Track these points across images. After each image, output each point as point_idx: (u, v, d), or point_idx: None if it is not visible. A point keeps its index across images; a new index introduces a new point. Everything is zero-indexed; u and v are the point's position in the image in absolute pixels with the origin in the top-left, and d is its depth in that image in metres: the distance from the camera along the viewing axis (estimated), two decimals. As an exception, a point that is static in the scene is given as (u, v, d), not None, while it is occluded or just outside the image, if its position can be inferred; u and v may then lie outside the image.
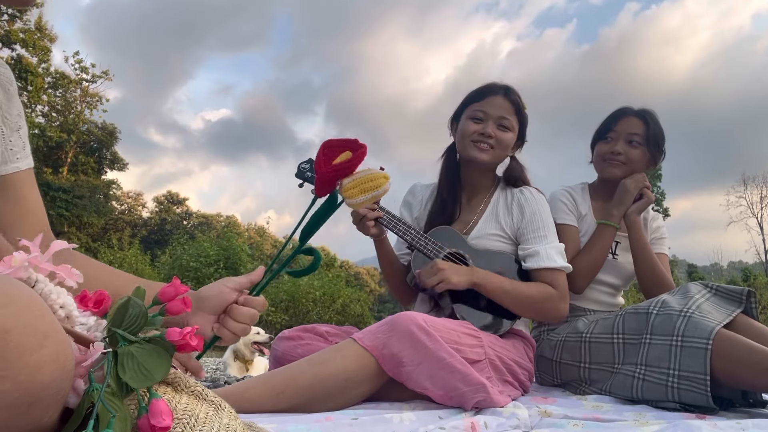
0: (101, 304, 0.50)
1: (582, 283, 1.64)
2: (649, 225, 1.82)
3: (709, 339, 1.22)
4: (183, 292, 0.55)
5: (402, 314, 1.15)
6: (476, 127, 1.52)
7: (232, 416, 0.53)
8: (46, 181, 21.06)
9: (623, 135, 1.71)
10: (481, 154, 1.52)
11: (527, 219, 1.50)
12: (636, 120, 1.71)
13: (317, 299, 16.49)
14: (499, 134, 1.52)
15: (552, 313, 1.44)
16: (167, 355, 0.48)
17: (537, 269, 1.44)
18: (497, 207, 1.56)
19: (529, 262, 1.46)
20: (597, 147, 1.78)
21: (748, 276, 23.36)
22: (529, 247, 1.47)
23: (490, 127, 1.51)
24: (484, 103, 1.54)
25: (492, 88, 1.56)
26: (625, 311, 1.46)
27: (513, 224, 1.52)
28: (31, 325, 0.36)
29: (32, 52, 21.50)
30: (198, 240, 17.85)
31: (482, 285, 1.39)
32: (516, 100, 1.55)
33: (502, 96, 1.54)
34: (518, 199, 1.54)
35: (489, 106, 1.53)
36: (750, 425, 1.01)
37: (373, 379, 1.13)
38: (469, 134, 1.53)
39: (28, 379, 0.35)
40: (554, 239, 1.49)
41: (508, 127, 1.53)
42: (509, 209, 1.54)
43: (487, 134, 1.51)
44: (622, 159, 1.70)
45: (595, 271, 1.65)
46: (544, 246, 1.45)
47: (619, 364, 1.40)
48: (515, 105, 1.54)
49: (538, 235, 1.47)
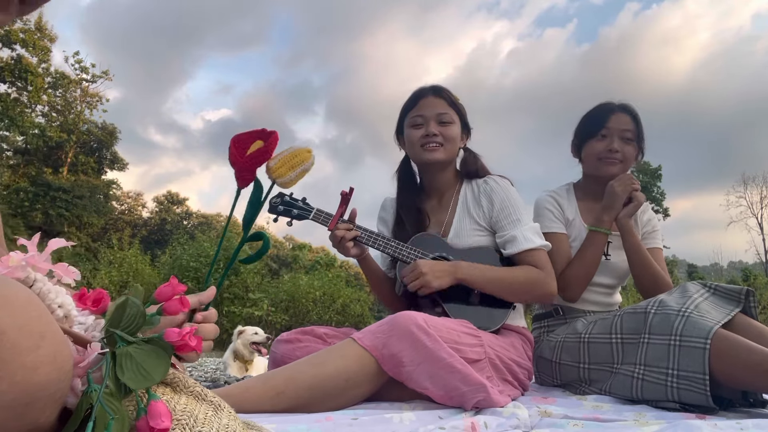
0: (99, 302, 0.50)
1: (576, 291, 1.63)
2: (639, 219, 1.79)
3: (707, 339, 1.22)
4: (180, 291, 0.55)
5: (402, 314, 1.15)
6: (419, 131, 1.56)
7: (231, 416, 0.53)
8: (46, 181, 21.07)
9: (617, 132, 1.69)
10: (433, 155, 1.55)
11: (497, 207, 1.52)
12: (625, 116, 1.70)
13: (317, 299, 16.48)
14: (443, 130, 1.55)
15: (542, 292, 1.44)
16: (166, 356, 0.48)
17: (517, 253, 1.45)
18: (467, 202, 1.58)
19: (508, 248, 1.47)
20: (588, 145, 1.74)
21: (748, 276, 23.35)
22: (505, 233, 1.49)
23: (432, 126, 1.55)
24: (418, 107, 1.59)
25: (421, 91, 1.61)
26: (623, 311, 1.45)
27: (485, 215, 1.54)
28: (27, 326, 0.36)
29: (32, 52, 21.50)
30: (198, 240, 17.84)
31: (467, 279, 1.40)
32: (446, 95, 1.59)
33: (431, 95, 1.58)
34: (484, 189, 1.56)
35: (424, 109, 1.57)
36: (750, 425, 1.01)
37: (373, 379, 1.13)
38: (416, 140, 1.57)
39: (25, 380, 0.35)
40: (528, 221, 1.51)
41: (449, 121, 1.56)
42: (478, 201, 1.56)
43: (431, 134, 1.54)
44: (619, 157, 1.69)
45: (588, 279, 1.64)
46: (519, 230, 1.47)
47: (618, 364, 1.39)
48: (447, 99, 1.58)
49: (511, 220, 1.49)
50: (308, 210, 1.52)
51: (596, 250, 1.62)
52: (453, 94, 1.61)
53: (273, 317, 15.50)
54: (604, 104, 1.75)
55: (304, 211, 1.52)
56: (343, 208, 1.49)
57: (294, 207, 1.53)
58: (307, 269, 25.22)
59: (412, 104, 1.60)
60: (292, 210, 1.53)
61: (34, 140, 21.76)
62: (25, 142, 22.14)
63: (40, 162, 23.00)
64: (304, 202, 1.54)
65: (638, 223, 1.79)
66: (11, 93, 20.92)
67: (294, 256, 30.92)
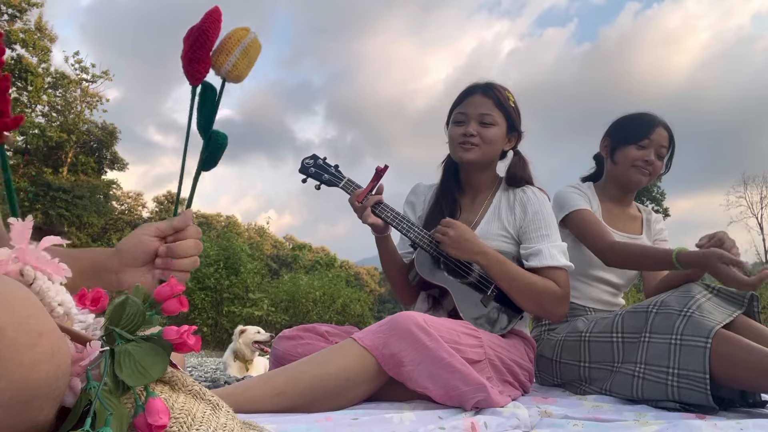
0: (98, 302, 0.50)
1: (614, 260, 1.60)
2: (652, 227, 1.83)
3: (708, 338, 1.22)
4: (179, 291, 0.55)
5: (402, 314, 1.15)
6: (459, 129, 1.54)
7: (229, 416, 0.53)
8: (46, 181, 21.07)
9: (656, 145, 1.71)
10: (466, 154, 1.53)
11: (529, 218, 1.50)
12: (665, 133, 1.72)
13: (317, 299, 16.48)
14: (481, 131, 1.52)
15: (552, 309, 1.42)
16: (164, 354, 0.48)
17: (539, 268, 1.43)
18: (499, 207, 1.56)
19: (531, 260, 1.45)
20: (626, 150, 1.74)
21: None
22: (531, 246, 1.47)
23: (472, 126, 1.52)
24: (465, 104, 1.56)
25: (471, 89, 1.57)
26: (624, 311, 1.46)
27: (515, 223, 1.52)
28: (25, 323, 0.36)
29: (32, 52, 21.50)
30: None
31: (487, 266, 1.39)
32: (496, 95, 1.54)
33: (480, 94, 1.54)
34: (520, 198, 1.54)
35: (468, 107, 1.55)
36: (750, 425, 1.01)
37: (373, 379, 1.13)
38: (455, 138, 1.55)
39: (23, 378, 0.35)
40: (557, 238, 1.48)
41: (491, 123, 1.53)
42: (512, 208, 1.54)
43: (469, 134, 1.52)
44: (651, 170, 1.71)
45: (628, 266, 1.63)
46: (546, 245, 1.45)
47: (618, 363, 1.39)
48: (495, 99, 1.54)
49: (540, 234, 1.47)
50: (340, 178, 1.50)
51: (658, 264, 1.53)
52: (505, 93, 1.57)
53: (273, 317, 15.50)
54: (649, 115, 1.76)
55: (336, 178, 1.50)
56: (374, 183, 1.45)
57: (326, 172, 1.51)
58: (307, 269, 25.22)
59: (460, 100, 1.58)
60: (323, 174, 1.50)
61: (34, 140, 21.76)
62: (25, 142, 22.15)
63: (40, 162, 22.99)
64: (336, 169, 1.52)
65: (651, 230, 1.83)
66: (11, 93, 20.89)
67: (294, 256, 30.92)
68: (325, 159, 1.53)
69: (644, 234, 1.81)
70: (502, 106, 1.54)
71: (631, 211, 1.84)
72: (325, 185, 1.50)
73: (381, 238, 1.50)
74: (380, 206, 1.44)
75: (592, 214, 1.68)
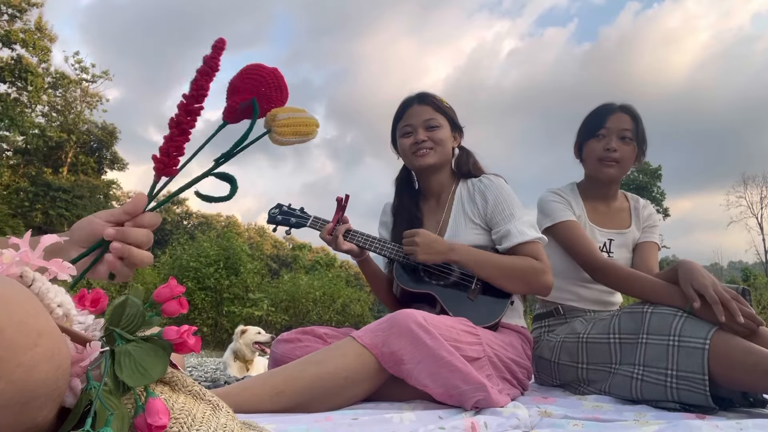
0: (98, 303, 0.50)
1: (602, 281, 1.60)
2: (641, 214, 1.81)
3: (706, 339, 1.22)
4: (178, 292, 0.55)
5: (401, 312, 1.15)
6: (410, 140, 1.61)
7: (229, 416, 0.53)
8: (46, 181, 21.07)
9: (615, 131, 1.69)
10: (424, 160, 1.60)
11: (491, 204, 1.53)
12: (625, 116, 1.70)
13: (317, 299, 16.48)
14: (431, 135, 1.59)
15: (537, 281, 1.43)
16: (164, 354, 0.48)
17: (512, 247, 1.45)
18: (462, 200, 1.60)
19: (504, 243, 1.47)
20: (588, 145, 1.74)
21: (748, 276, 23.36)
22: (499, 228, 1.49)
23: (420, 133, 1.59)
24: (406, 116, 1.63)
25: (407, 102, 1.65)
26: (621, 311, 1.46)
27: (480, 212, 1.55)
28: (24, 324, 0.36)
29: (32, 52, 21.50)
30: (198, 240, 17.82)
31: (461, 261, 1.42)
32: (431, 101, 1.62)
33: (416, 104, 1.62)
34: (478, 187, 1.58)
35: (411, 118, 1.61)
36: (750, 425, 1.01)
37: (372, 378, 1.13)
38: (408, 148, 1.62)
39: (22, 378, 0.35)
40: (522, 215, 1.51)
41: (436, 126, 1.60)
42: (472, 199, 1.58)
43: (420, 140, 1.59)
44: (616, 156, 1.68)
45: (616, 289, 1.64)
46: (513, 224, 1.47)
47: (616, 365, 1.39)
48: (432, 104, 1.62)
49: (504, 215, 1.50)
50: (305, 218, 1.59)
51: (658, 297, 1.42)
52: (438, 98, 1.65)
53: (273, 317, 15.50)
54: (604, 105, 1.75)
55: (302, 219, 1.59)
56: (340, 214, 1.52)
57: (292, 216, 1.59)
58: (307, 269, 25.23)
59: (400, 115, 1.66)
60: (290, 219, 1.59)
61: (34, 140, 21.76)
62: (25, 142, 22.15)
63: (40, 162, 22.99)
64: (302, 210, 1.60)
65: (639, 217, 1.81)
66: (11, 93, 20.93)
67: (294, 256, 30.93)
68: (290, 205, 1.62)
69: (633, 225, 1.79)
70: (440, 110, 1.62)
71: (617, 204, 1.82)
72: (294, 228, 1.59)
73: (362, 262, 1.58)
74: (350, 233, 1.52)
75: (577, 227, 1.66)
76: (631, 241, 1.78)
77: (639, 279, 1.50)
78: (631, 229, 1.78)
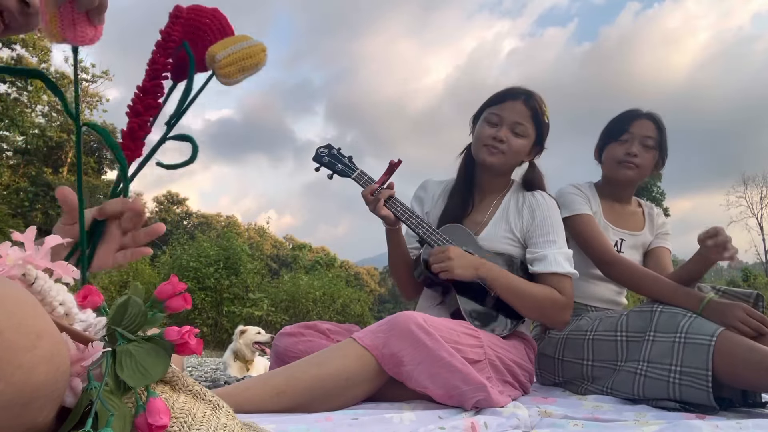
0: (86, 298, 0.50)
1: (614, 276, 1.61)
2: (655, 221, 1.83)
3: (713, 336, 1.23)
4: (181, 290, 0.55)
5: (402, 314, 1.15)
6: (490, 131, 1.51)
7: (230, 416, 0.53)
8: (46, 181, 21.06)
9: (638, 137, 1.70)
10: (490, 158, 1.52)
11: (537, 222, 1.49)
12: (649, 123, 1.71)
13: (317, 299, 16.46)
14: (511, 140, 1.50)
15: (555, 317, 1.42)
16: (165, 354, 0.48)
17: (544, 273, 1.43)
18: (508, 209, 1.56)
19: (536, 266, 1.45)
20: (609, 148, 1.75)
21: (748, 276, 23.35)
22: (537, 251, 1.46)
23: (504, 131, 1.50)
24: (502, 107, 1.52)
25: (512, 92, 1.53)
26: (629, 310, 1.47)
27: (522, 227, 1.51)
28: (24, 325, 0.36)
29: (32, 52, 21.48)
30: (198, 240, 17.81)
31: (488, 279, 1.38)
32: (535, 106, 1.51)
33: (521, 101, 1.51)
34: (529, 202, 1.54)
35: (505, 111, 1.51)
36: (750, 425, 1.01)
37: (373, 379, 1.13)
38: (483, 138, 1.52)
39: (22, 380, 0.35)
40: (563, 245, 1.48)
41: (522, 134, 1.51)
42: (520, 212, 1.54)
43: (499, 138, 1.50)
44: (637, 161, 1.70)
45: (626, 285, 1.65)
46: (552, 251, 1.44)
47: (621, 362, 1.40)
48: (533, 111, 1.50)
49: (547, 239, 1.46)
50: (353, 169, 1.51)
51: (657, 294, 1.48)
52: (543, 107, 1.54)
53: (273, 317, 15.48)
54: (630, 110, 1.76)
55: (349, 169, 1.51)
56: (386, 177, 1.46)
57: (339, 162, 1.51)
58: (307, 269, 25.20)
59: (498, 101, 1.54)
60: (336, 164, 1.51)
61: (34, 140, 21.75)
62: (25, 142, 22.14)
63: (40, 162, 22.99)
64: (350, 160, 1.52)
65: (653, 224, 1.83)
66: (11, 93, 20.92)
67: (294, 256, 30.91)
68: (339, 149, 1.53)
69: (646, 229, 1.81)
70: (537, 119, 1.52)
71: (632, 208, 1.85)
72: (338, 175, 1.50)
73: (391, 231, 1.50)
74: (391, 200, 1.44)
75: (593, 221, 1.67)
76: (641, 243, 1.79)
77: (650, 277, 1.51)
78: (643, 232, 1.80)
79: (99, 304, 0.51)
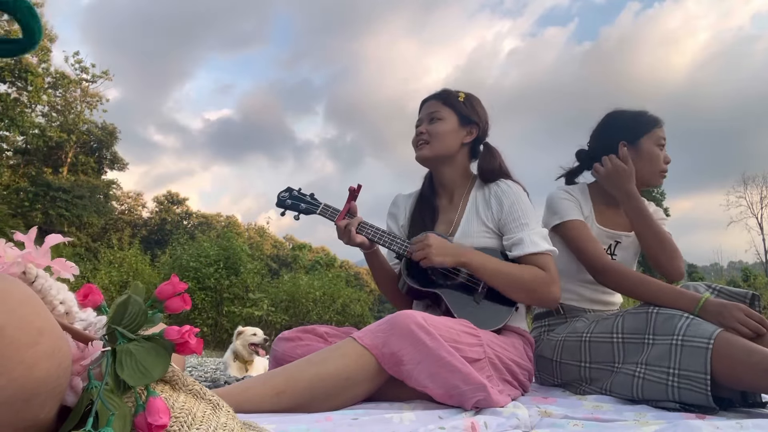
0: (87, 296, 0.50)
1: (607, 283, 1.61)
2: None
3: (710, 339, 1.22)
4: (181, 289, 0.55)
5: (401, 313, 1.15)
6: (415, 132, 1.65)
7: (229, 415, 0.53)
8: (46, 181, 21.07)
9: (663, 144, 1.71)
10: (419, 152, 1.62)
11: (506, 210, 1.51)
12: (662, 130, 1.72)
13: (317, 299, 16.47)
14: (429, 128, 1.61)
15: (545, 295, 1.42)
16: (165, 354, 0.48)
17: (523, 256, 1.45)
18: (476, 204, 1.59)
19: (514, 250, 1.47)
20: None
21: (748, 276, 23.35)
22: (512, 236, 1.48)
23: (422, 126, 1.62)
24: (420, 112, 1.67)
25: (424, 99, 1.68)
26: (625, 312, 1.46)
27: (494, 217, 1.54)
28: (25, 321, 0.36)
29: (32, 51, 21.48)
30: (198, 240, 17.83)
31: (471, 264, 1.41)
32: (443, 95, 1.62)
33: (431, 99, 1.65)
34: (495, 192, 1.57)
35: (422, 112, 1.66)
36: (750, 425, 1.01)
37: (373, 378, 1.13)
38: (413, 141, 1.65)
39: (23, 376, 0.35)
40: (536, 225, 1.50)
41: (438, 118, 1.61)
42: (488, 204, 1.57)
43: (419, 132, 1.62)
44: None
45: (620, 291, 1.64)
46: (527, 233, 1.46)
47: (619, 364, 1.40)
48: (443, 98, 1.62)
49: (519, 223, 1.49)
50: (315, 205, 1.54)
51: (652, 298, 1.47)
52: (452, 91, 1.64)
53: (273, 317, 15.49)
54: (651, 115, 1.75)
55: (312, 205, 1.54)
56: (350, 204, 1.49)
57: (302, 201, 1.54)
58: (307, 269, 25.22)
59: (418, 111, 1.68)
60: (299, 204, 1.54)
61: (34, 140, 21.76)
62: (25, 142, 22.15)
63: (40, 162, 23.00)
64: (312, 197, 1.56)
65: None
66: (11, 93, 20.91)
67: (294, 256, 30.93)
68: (299, 190, 1.58)
69: None
70: (449, 101, 1.62)
71: None
72: (304, 214, 1.55)
73: (370, 254, 1.55)
74: (361, 225, 1.49)
75: (584, 227, 1.66)
76: (637, 243, 1.78)
77: (645, 282, 1.50)
78: None
79: (99, 303, 0.51)
